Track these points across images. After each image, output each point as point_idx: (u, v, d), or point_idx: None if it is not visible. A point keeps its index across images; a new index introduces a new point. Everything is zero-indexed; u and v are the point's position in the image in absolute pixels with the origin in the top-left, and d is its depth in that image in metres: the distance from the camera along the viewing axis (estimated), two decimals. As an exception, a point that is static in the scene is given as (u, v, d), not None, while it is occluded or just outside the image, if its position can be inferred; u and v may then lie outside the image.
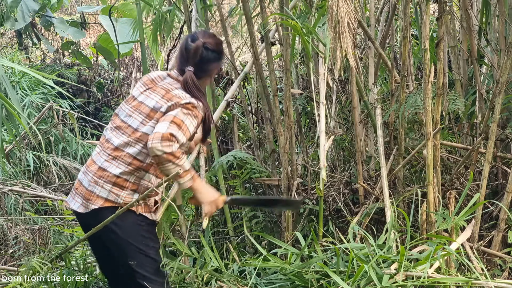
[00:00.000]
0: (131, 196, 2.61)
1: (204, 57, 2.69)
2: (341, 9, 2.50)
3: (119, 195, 2.60)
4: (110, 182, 2.59)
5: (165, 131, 2.46)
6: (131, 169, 2.60)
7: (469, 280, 2.60)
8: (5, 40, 8.86)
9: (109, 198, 2.59)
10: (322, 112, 2.94)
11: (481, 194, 3.12)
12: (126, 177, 2.59)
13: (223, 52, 2.79)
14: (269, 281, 2.92)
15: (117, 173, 2.59)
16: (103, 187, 2.59)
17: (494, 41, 3.65)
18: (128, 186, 2.61)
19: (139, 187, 2.63)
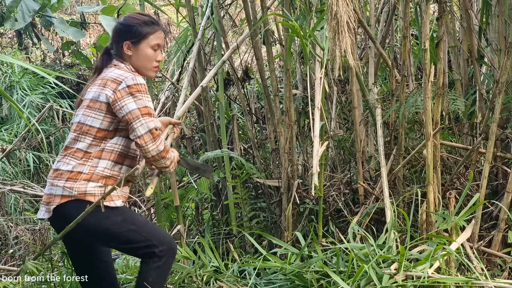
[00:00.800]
0: (84, 186, 2.51)
1: (115, 33, 2.67)
2: (340, 9, 2.50)
3: (72, 187, 2.51)
4: (63, 178, 2.52)
5: (148, 128, 2.46)
6: (82, 161, 2.53)
7: (469, 280, 2.60)
8: (5, 40, 8.86)
9: (64, 193, 2.51)
10: (317, 116, 2.87)
11: (481, 194, 3.11)
12: (79, 170, 2.51)
13: (133, 23, 2.63)
14: (269, 281, 2.92)
15: (69, 168, 2.52)
16: (57, 185, 2.52)
17: (494, 42, 3.65)
18: (80, 177, 2.52)
19: (92, 175, 2.52)
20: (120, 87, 2.49)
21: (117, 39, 2.64)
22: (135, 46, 2.62)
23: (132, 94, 2.47)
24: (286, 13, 3.25)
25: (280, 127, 3.57)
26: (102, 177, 2.53)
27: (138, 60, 2.63)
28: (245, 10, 3.60)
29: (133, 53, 2.62)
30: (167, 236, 2.62)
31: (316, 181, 2.69)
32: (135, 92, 2.47)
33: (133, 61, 2.63)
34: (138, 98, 2.47)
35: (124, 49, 2.61)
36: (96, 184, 2.51)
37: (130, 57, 2.63)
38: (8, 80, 7.24)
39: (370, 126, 3.87)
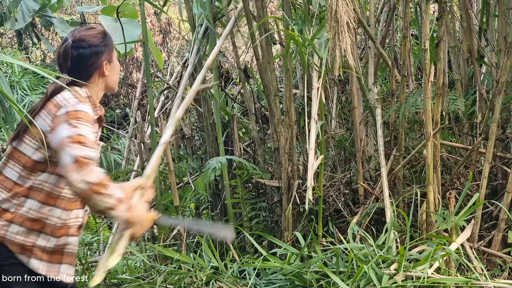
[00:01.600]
0: (5, 228, 2.13)
1: (75, 58, 2.27)
2: (340, 9, 2.50)
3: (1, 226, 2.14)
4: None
5: (73, 158, 1.98)
6: (10, 196, 2.16)
7: (468, 280, 2.60)
8: (5, 40, 8.86)
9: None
10: (313, 128, 2.81)
11: (481, 194, 3.11)
12: (4, 206, 2.14)
13: (99, 42, 2.32)
14: (268, 281, 2.92)
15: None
16: None
17: (494, 42, 3.65)
18: (4, 216, 2.15)
19: (15, 217, 2.14)
20: (59, 112, 2.13)
21: (91, 63, 2.29)
22: (110, 63, 2.34)
23: (68, 121, 2.07)
24: (286, 17, 3.23)
25: (280, 127, 3.57)
26: (27, 221, 2.15)
27: (115, 76, 2.37)
28: (245, 10, 3.60)
29: (110, 72, 2.34)
30: None
31: (311, 196, 2.62)
32: (73, 119, 2.08)
33: (109, 80, 2.34)
34: (73, 125, 2.06)
35: (103, 71, 2.30)
36: (19, 229, 2.14)
37: (107, 78, 2.33)
38: (8, 80, 7.24)
39: (370, 126, 3.86)
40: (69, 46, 2.27)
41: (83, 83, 2.25)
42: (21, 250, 2.13)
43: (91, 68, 2.28)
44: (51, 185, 2.17)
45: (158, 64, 4.81)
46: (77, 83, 2.25)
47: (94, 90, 2.29)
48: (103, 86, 2.34)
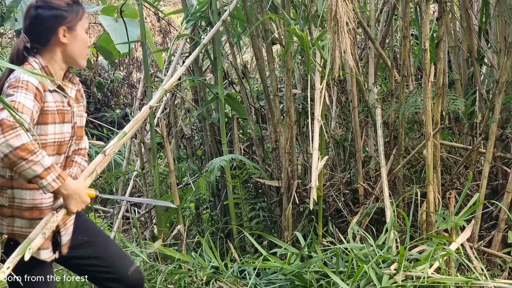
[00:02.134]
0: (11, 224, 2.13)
1: (33, 18, 2.17)
2: (340, 9, 2.50)
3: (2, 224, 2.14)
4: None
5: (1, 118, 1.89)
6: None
7: (468, 280, 2.60)
8: (5, 40, 8.85)
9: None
10: (317, 129, 2.79)
11: (481, 194, 3.11)
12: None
13: (62, 6, 2.20)
14: (268, 281, 2.92)
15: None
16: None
17: (494, 42, 3.65)
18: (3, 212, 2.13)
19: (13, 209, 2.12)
20: (5, 86, 2.08)
21: (47, 25, 2.16)
22: (71, 32, 2.19)
23: (6, 92, 2.02)
24: (286, 16, 3.23)
25: (280, 127, 3.57)
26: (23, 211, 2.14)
27: (76, 47, 2.22)
28: (245, 10, 3.60)
29: (69, 41, 2.19)
30: None
31: (315, 195, 2.59)
32: (10, 89, 2.01)
33: (69, 50, 2.20)
34: (9, 94, 2.00)
35: (59, 37, 2.17)
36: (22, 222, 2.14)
37: (65, 46, 2.19)
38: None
39: (370, 127, 3.87)
40: (31, 6, 2.18)
41: (38, 47, 2.16)
42: None
43: (48, 33, 2.16)
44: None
45: (158, 64, 4.81)
46: (33, 53, 2.16)
47: (52, 60, 2.18)
48: (61, 57, 2.20)
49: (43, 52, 2.17)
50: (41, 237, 1.99)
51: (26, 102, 1.98)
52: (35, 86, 2.04)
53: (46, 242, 2.16)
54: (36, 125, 2.08)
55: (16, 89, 2.00)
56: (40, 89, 2.07)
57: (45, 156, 1.95)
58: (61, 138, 2.16)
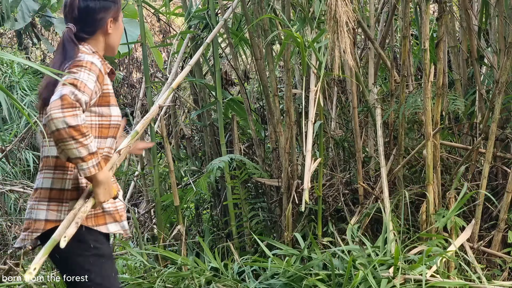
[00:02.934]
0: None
1: (82, 9, 2.18)
2: (339, 9, 2.50)
3: (61, 210, 2.08)
4: (45, 198, 2.09)
5: (60, 94, 1.91)
6: (59, 172, 2.10)
7: (467, 284, 2.60)
8: (5, 40, 8.85)
9: (48, 218, 2.08)
10: (310, 130, 2.78)
11: (481, 194, 3.11)
12: (60, 186, 2.09)
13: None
14: (268, 285, 2.91)
15: (48, 185, 2.10)
16: (39, 208, 2.09)
17: (494, 42, 3.65)
18: (67, 197, 2.09)
19: (78, 191, 2.10)
20: (66, 66, 2.08)
21: (98, 17, 2.19)
22: (115, 22, 2.25)
23: (74, 66, 2.04)
24: (284, 19, 3.22)
25: (280, 127, 3.56)
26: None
27: (116, 36, 2.28)
28: (244, 10, 3.60)
29: (113, 31, 2.25)
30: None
31: (307, 197, 2.60)
32: (74, 67, 2.04)
33: (111, 39, 2.26)
34: (74, 72, 2.01)
35: (106, 28, 2.22)
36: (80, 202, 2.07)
37: (109, 36, 2.25)
38: (8, 80, 7.24)
39: (370, 127, 3.86)
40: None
41: (86, 37, 2.19)
42: (95, 221, 2.11)
43: (97, 24, 2.20)
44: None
45: (158, 64, 4.81)
46: (79, 41, 2.18)
47: (96, 48, 2.22)
48: (103, 46, 2.25)
49: (89, 41, 2.21)
50: (74, 225, 1.96)
51: (88, 82, 2.00)
52: (98, 68, 2.07)
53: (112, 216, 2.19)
54: (98, 107, 2.12)
55: (80, 68, 2.02)
56: (103, 71, 2.11)
57: (93, 141, 1.96)
58: (119, 121, 2.22)
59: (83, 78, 1.99)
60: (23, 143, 6.02)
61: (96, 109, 2.11)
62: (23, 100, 6.92)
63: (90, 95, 1.99)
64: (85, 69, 2.02)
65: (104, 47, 2.26)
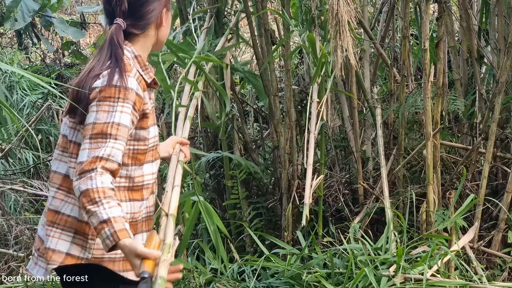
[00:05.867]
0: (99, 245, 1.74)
1: (133, 1, 1.81)
2: (341, 8, 2.51)
3: (86, 247, 1.76)
4: (71, 229, 1.76)
5: (86, 157, 1.61)
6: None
7: (467, 284, 2.60)
8: (5, 40, 8.85)
9: (71, 252, 1.76)
10: (312, 143, 2.68)
11: (481, 194, 3.12)
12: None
13: None
14: (268, 284, 2.92)
15: (75, 214, 1.77)
16: (60, 237, 1.76)
17: (494, 41, 3.65)
18: (93, 232, 1.72)
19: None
20: (95, 84, 1.71)
21: (152, 8, 1.83)
22: (167, 12, 1.91)
23: (100, 100, 1.68)
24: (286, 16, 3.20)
25: (280, 127, 3.56)
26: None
27: (168, 29, 1.93)
28: (245, 9, 3.60)
29: (166, 23, 1.91)
30: None
31: (307, 212, 2.48)
32: (103, 101, 1.67)
33: (163, 33, 1.91)
34: (101, 108, 1.66)
35: (161, 20, 1.87)
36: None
37: (161, 29, 1.89)
38: (8, 80, 7.24)
39: (370, 127, 3.86)
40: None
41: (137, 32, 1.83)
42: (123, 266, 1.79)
43: (151, 16, 1.83)
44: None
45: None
46: (127, 39, 1.83)
47: (145, 46, 1.87)
48: (153, 42, 1.90)
49: (139, 38, 1.84)
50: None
51: (123, 119, 1.66)
52: (134, 91, 1.71)
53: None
54: (135, 129, 1.77)
55: (110, 101, 1.66)
56: (140, 93, 1.74)
57: (111, 206, 1.57)
58: (157, 140, 1.88)
59: (115, 119, 1.64)
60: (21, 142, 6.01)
61: (132, 132, 1.76)
62: (23, 100, 6.92)
63: (127, 135, 1.68)
64: (118, 102, 1.66)
65: (155, 43, 1.91)
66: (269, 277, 2.98)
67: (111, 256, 1.75)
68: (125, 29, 1.80)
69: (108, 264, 1.77)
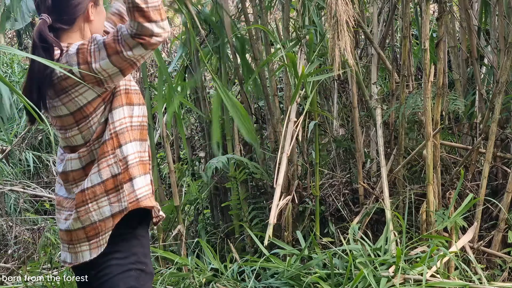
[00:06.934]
0: (131, 188, 1.91)
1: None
2: (339, 8, 2.50)
3: (120, 199, 1.91)
4: (102, 193, 1.90)
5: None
6: (105, 160, 1.90)
7: (467, 284, 2.60)
8: (5, 40, 8.85)
9: (113, 211, 1.89)
10: (283, 164, 2.61)
11: (481, 194, 3.11)
12: (111, 174, 1.90)
13: None
14: (268, 284, 2.92)
15: (100, 179, 1.90)
16: (99, 206, 1.89)
17: (494, 41, 3.65)
18: (122, 179, 1.90)
19: (129, 169, 1.91)
20: (70, 52, 1.85)
21: (76, 3, 1.90)
22: (96, 6, 1.98)
23: (90, 46, 1.85)
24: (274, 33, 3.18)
25: (279, 127, 3.56)
26: (138, 164, 2.00)
27: (100, 23, 2.01)
28: (244, 11, 3.60)
29: (95, 17, 1.98)
30: None
31: (271, 232, 2.44)
32: (91, 43, 1.84)
33: (94, 27, 1.99)
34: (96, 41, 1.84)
35: (88, 15, 1.95)
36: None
37: (91, 24, 1.98)
38: (8, 80, 7.25)
39: (370, 127, 3.86)
40: None
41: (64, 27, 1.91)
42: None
43: (75, 10, 1.90)
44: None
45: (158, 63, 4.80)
46: (58, 33, 1.90)
47: (76, 40, 1.93)
48: (87, 35, 1.97)
49: (68, 32, 1.92)
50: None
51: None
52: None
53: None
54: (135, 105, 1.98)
55: (90, 45, 1.83)
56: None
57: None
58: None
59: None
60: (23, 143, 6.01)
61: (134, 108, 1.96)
62: (23, 100, 6.91)
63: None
64: (91, 46, 1.83)
65: (87, 37, 1.96)
66: (268, 278, 2.97)
67: (143, 194, 1.92)
68: (52, 24, 1.87)
69: (145, 202, 1.92)
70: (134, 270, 1.92)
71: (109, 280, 1.90)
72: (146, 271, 1.96)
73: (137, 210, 1.93)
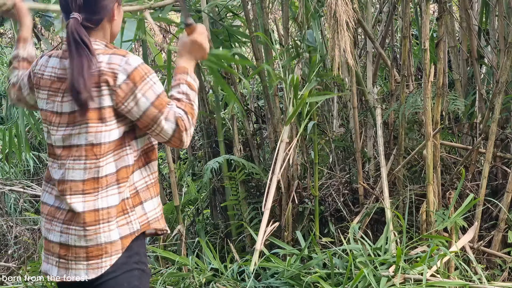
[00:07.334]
0: (142, 211, 1.90)
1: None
2: (339, 8, 2.50)
3: (130, 221, 1.88)
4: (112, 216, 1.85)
5: (174, 121, 1.87)
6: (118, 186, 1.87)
7: (467, 284, 2.60)
8: (5, 40, 8.86)
9: (122, 234, 1.86)
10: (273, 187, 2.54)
11: (481, 194, 3.11)
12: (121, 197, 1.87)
13: None
14: (267, 284, 2.92)
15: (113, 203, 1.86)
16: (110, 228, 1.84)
17: (494, 41, 3.65)
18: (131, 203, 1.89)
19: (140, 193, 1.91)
20: (118, 81, 1.81)
21: (106, 3, 1.89)
22: (119, 6, 1.96)
23: (137, 83, 1.83)
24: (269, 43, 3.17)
25: (280, 127, 3.56)
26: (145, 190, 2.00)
27: (119, 23, 1.98)
28: (245, 10, 3.60)
29: (117, 17, 1.96)
30: None
31: (257, 258, 2.38)
32: (140, 81, 1.84)
33: (115, 27, 1.97)
34: (144, 88, 1.84)
35: (114, 15, 1.93)
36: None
37: (114, 23, 1.95)
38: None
39: (370, 127, 3.86)
40: None
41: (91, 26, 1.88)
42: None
43: (105, 11, 1.89)
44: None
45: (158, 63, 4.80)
46: (91, 33, 1.89)
47: (104, 40, 1.93)
48: (108, 36, 1.96)
49: (93, 31, 1.91)
50: None
51: (160, 86, 1.88)
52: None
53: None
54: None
55: (144, 79, 1.83)
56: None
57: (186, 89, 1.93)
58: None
59: (160, 86, 1.86)
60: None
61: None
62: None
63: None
64: (149, 76, 1.85)
65: (108, 36, 1.96)
66: (268, 277, 2.97)
67: (154, 216, 1.93)
68: (81, 23, 1.85)
69: (155, 225, 1.94)
70: (137, 269, 1.90)
71: (113, 279, 1.86)
72: (146, 271, 1.95)
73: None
